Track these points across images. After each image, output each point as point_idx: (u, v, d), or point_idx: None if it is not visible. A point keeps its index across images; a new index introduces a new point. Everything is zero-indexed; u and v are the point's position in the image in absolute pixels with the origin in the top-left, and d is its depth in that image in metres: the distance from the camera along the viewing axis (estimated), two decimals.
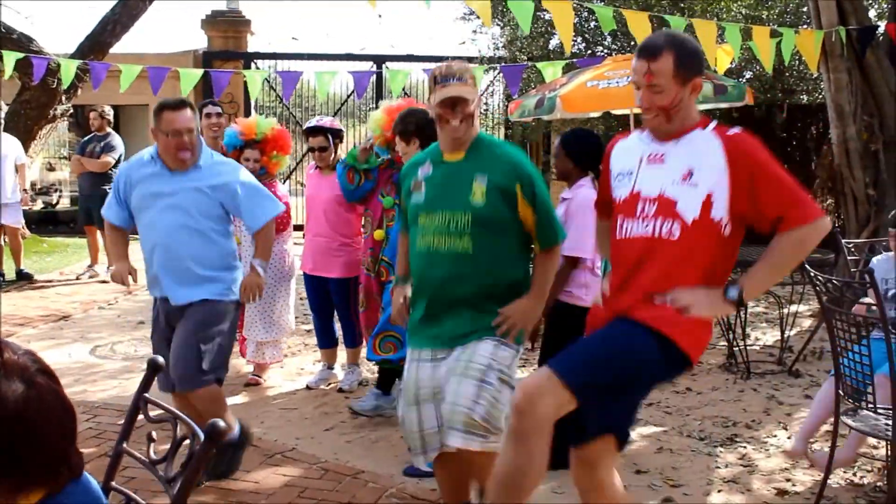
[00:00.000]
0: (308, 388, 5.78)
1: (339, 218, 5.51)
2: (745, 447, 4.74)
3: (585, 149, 4.40)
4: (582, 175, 4.38)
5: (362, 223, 5.50)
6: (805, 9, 10.12)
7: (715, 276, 2.79)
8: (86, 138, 10.04)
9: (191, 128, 3.95)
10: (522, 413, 2.68)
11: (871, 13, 10.63)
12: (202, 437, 1.86)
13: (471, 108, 3.23)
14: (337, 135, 5.62)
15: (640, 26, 6.52)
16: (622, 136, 3.10)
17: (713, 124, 2.84)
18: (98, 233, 9.59)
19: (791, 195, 2.72)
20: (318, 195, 5.58)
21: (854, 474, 4.33)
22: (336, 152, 5.59)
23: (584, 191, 4.28)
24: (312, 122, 5.70)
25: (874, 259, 4.55)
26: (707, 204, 2.74)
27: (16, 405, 1.45)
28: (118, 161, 9.49)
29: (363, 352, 5.63)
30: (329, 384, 5.84)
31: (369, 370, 6.01)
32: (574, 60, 8.78)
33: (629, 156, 2.97)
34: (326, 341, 5.91)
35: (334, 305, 5.70)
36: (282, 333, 5.86)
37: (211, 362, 3.96)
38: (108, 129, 9.71)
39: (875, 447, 4.56)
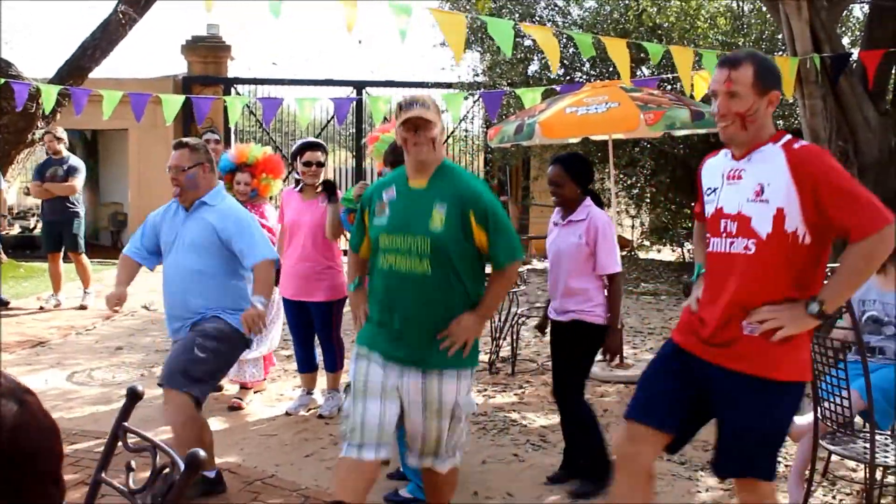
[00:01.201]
0: (287, 413, 5.75)
1: (324, 242, 5.52)
2: None
3: (586, 172, 4.51)
4: (583, 197, 4.46)
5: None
6: (780, 36, 10.26)
7: (804, 284, 2.83)
8: (41, 162, 9.77)
9: (177, 165, 4.21)
10: None
11: (845, 40, 10.80)
12: (182, 466, 1.85)
13: (434, 132, 3.41)
14: (326, 154, 5.72)
15: (618, 52, 6.59)
16: (712, 155, 3.19)
17: (785, 138, 2.89)
18: (59, 260, 9.50)
19: (854, 205, 2.72)
20: (301, 220, 5.56)
21: (834, 497, 4.35)
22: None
23: (597, 210, 4.44)
24: (308, 139, 5.77)
25: None
26: (779, 218, 2.80)
27: (14, 424, 1.44)
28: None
29: (344, 377, 5.64)
30: (309, 409, 5.82)
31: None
32: (554, 87, 8.86)
33: (714, 173, 3.07)
34: (306, 366, 5.90)
35: (315, 329, 5.69)
36: (264, 352, 5.89)
37: (198, 371, 4.03)
38: (65, 153, 9.48)
39: (854, 470, 4.59)
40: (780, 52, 10.24)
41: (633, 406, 3.12)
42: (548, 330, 4.68)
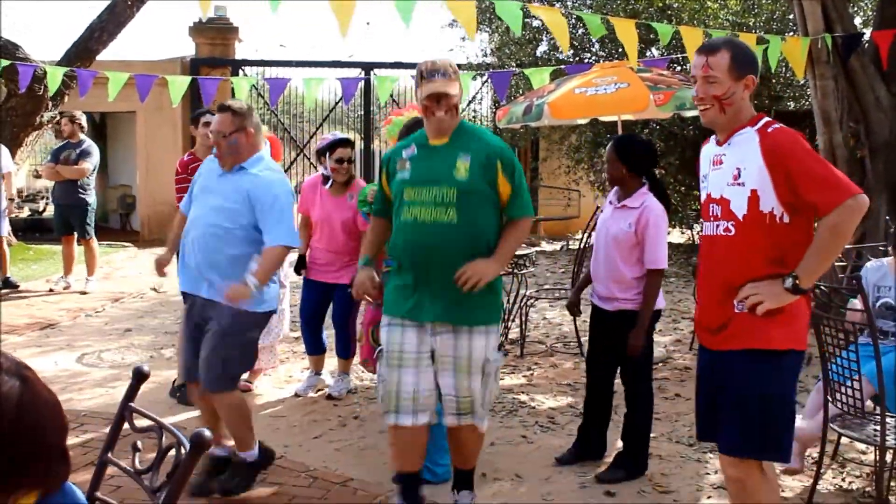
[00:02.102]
0: (297, 395, 5.76)
1: (354, 235, 5.55)
2: None
3: (639, 157, 4.42)
4: (638, 182, 4.41)
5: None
6: (791, 16, 10.18)
7: (787, 262, 2.91)
8: (58, 145, 9.84)
9: (219, 130, 4.04)
10: (741, 498, 3.06)
11: (857, 20, 10.71)
12: (188, 446, 1.84)
13: (454, 100, 3.56)
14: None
15: (627, 33, 6.54)
16: (706, 142, 3.27)
17: (762, 122, 3.00)
18: (73, 243, 9.53)
19: (821, 181, 2.83)
20: (332, 216, 5.57)
21: (843, 479, 4.33)
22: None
23: (653, 201, 4.36)
24: (338, 135, 5.73)
25: (867, 265, 4.55)
26: (754, 200, 2.93)
27: (18, 401, 1.44)
28: (95, 168, 9.42)
29: (355, 360, 5.68)
30: (318, 390, 5.83)
31: (358, 377, 6.01)
32: (563, 67, 8.80)
33: (706, 161, 3.20)
34: (315, 348, 5.91)
35: (333, 314, 5.70)
36: (276, 339, 5.90)
37: (234, 368, 4.05)
38: (82, 136, 9.46)
39: (863, 452, 4.58)
40: (792, 33, 10.15)
41: (699, 428, 3.28)
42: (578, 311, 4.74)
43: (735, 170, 2.98)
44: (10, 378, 1.46)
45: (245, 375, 6.01)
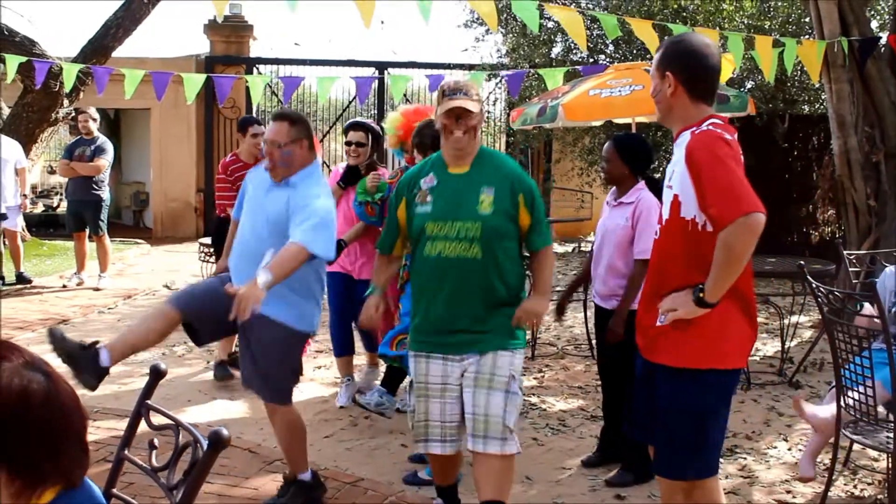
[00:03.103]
0: (341, 407, 5.55)
1: (375, 229, 5.45)
2: (745, 458, 4.73)
3: (638, 154, 4.43)
4: (635, 180, 4.41)
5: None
6: (807, 19, 10.14)
7: (704, 271, 2.75)
8: (72, 141, 9.88)
9: (274, 140, 3.83)
10: None
11: (873, 24, 10.64)
12: (205, 444, 1.85)
13: (474, 121, 3.45)
14: (377, 137, 5.49)
15: (645, 33, 6.52)
16: None
17: (704, 125, 2.82)
18: (85, 239, 9.56)
19: (721, 192, 2.65)
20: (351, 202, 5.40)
21: (855, 486, 4.32)
22: (373, 155, 5.46)
23: (648, 194, 4.36)
24: (355, 119, 5.70)
25: (885, 270, 4.49)
26: (675, 205, 2.85)
27: (45, 395, 1.47)
28: (110, 165, 9.47)
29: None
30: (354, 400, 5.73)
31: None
32: (578, 67, 8.79)
33: None
34: (343, 347, 5.61)
35: (357, 308, 5.54)
36: None
37: (288, 381, 3.95)
38: (96, 132, 9.54)
39: (876, 459, 4.56)
40: (808, 35, 10.10)
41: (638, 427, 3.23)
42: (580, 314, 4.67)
43: (670, 173, 2.92)
44: (35, 373, 1.49)
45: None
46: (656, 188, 4.46)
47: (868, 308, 4.12)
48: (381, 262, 3.79)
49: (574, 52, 12.39)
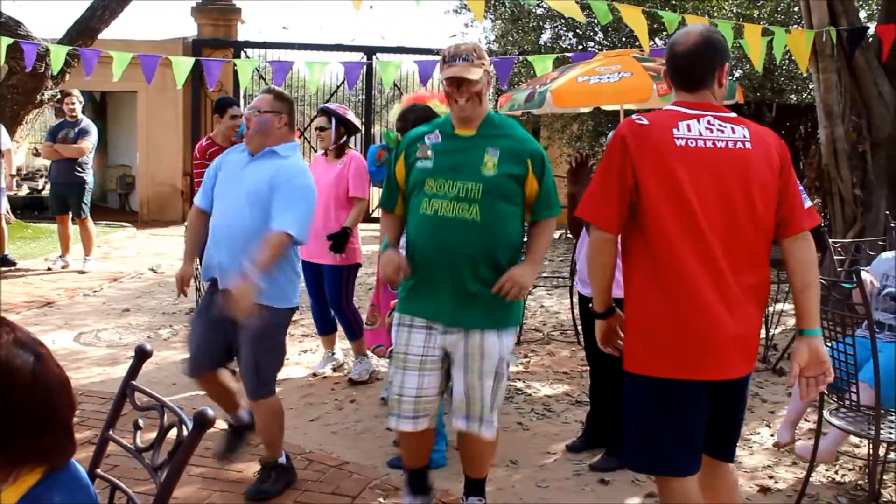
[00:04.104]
0: (314, 374, 5.84)
1: (338, 206, 5.48)
2: None
3: None
4: None
5: None
6: (796, 8, 10.15)
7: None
8: (56, 124, 9.83)
9: (256, 106, 3.92)
10: None
11: (862, 14, 10.67)
12: (190, 424, 1.85)
13: (476, 87, 3.35)
14: (341, 121, 5.53)
15: (636, 19, 6.51)
16: None
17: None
18: (69, 222, 9.51)
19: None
20: (320, 181, 5.39)
21: (836, 472, 4.35)
22: (338, 140, 5.53)
23: None
24: (320, 105, 5.76)
25: (881, 255, 4.53)
26: None
27: (32, 374, 1.46)
28: (94, 147, 9.42)
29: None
30: (334, 369, 5.90)
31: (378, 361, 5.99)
32: (567, 55, 8.78)
33: None
34: (324, 327, 5.88)
35: (329, 297, 5.63)
36: None
37: (270, 372, 3.95)
38: (81, 116, 9.50)
39: (857, 446, 4.60)
40: (796, 25, 10.12)
41: None
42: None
43: None
44: (24, 352, 1.48)
45: None
46: None
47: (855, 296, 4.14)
48: (387, 221, 3.63)
49: (563, 38, 12.38)
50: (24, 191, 15.89)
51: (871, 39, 7.65)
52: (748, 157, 2.70)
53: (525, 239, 3.61)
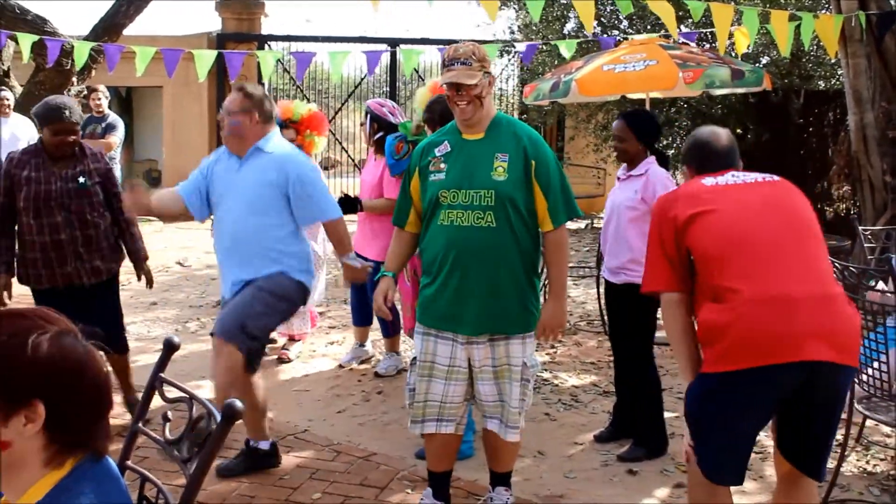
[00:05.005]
0: (340, 366, 5.83)
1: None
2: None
3: (650, 129, 4.42)
4: (646, 154, 4.40)
5: None
6: None
7: None
8: (83, 120, 9.93)
9: (227, 107, 3.98)
10: None
11: None
12: (218, 417, 1.85)
13: (475, 90, 3.32)
14: (374, 118, 5.48)
15: (661, 8, 6.45)
16: None
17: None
18: None
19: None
20: (367, 178, 5.52)
21: (867, 462, 4.31)
22: (373, 136, 5.48)
23: (657, 167, 4.36)
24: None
25: None
26: None
27: (84, 359, 1.50)
28: (121, 142, 9.48)
29: (404, 346, 5.75)
30: (361, 362, 5.87)
31: (380, 350, 6.02)
32: (596, 38, 8.72)
33: None
34: (361, 318, 5.84)
35: (367, 290, 5.60)
36: (309, 305, 5.89)
37: (256, 327, 3.85)
38: (107, 111, 9.58)
39: (888, 436, 4.54)
40: (825, 10, 9.98)
41: None
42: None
43: None
44: (74, 340, 1.52)
45: (281, 342, 6.08)
46: (665, 162, 4.46)
47: (881, 285, 4.09)
48: (396, 241, 3.65)
49: (585, 29, 12.29)
50: None
51: None
52: (779, 184, 2.98)
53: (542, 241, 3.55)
